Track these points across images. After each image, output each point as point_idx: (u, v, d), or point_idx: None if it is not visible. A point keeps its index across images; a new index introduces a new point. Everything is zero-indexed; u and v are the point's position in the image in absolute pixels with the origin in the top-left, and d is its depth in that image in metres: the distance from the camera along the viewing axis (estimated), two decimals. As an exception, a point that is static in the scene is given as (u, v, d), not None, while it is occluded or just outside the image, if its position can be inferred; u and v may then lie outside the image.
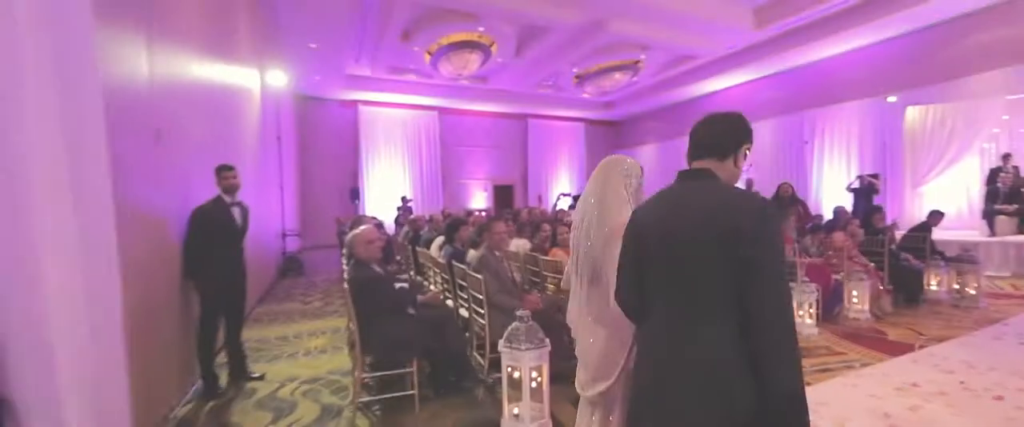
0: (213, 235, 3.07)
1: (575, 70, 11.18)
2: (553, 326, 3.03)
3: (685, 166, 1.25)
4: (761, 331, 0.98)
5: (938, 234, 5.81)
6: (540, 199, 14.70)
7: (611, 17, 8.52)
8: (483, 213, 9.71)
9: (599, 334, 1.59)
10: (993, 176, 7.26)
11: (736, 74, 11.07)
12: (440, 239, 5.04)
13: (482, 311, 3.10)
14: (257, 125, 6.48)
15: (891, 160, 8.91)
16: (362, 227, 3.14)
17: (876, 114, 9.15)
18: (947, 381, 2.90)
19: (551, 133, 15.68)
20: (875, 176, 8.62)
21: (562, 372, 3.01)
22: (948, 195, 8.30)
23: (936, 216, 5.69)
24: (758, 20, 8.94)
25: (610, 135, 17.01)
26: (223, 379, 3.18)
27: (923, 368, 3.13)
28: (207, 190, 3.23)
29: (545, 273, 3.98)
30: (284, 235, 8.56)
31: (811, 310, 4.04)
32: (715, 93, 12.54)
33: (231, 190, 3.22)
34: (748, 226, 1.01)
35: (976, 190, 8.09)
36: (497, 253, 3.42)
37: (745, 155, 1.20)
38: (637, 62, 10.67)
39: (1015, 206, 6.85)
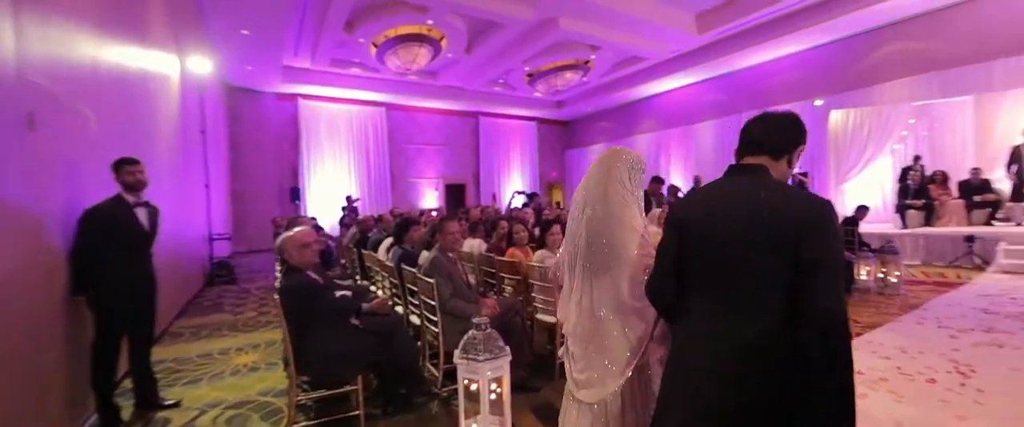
0: (112, 240, 2.60)
1: (527, 68, 11.12)
2: (512, 330, 2.86)
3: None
4: (818, 329, 0.95)
5: (860, 227, 6.28)
6: (494, 197, 14.53)
7: (562, 15, 8.52)
8: (435, 212, 9.36)
9: (614, 330, 1.49)
10: (904, 174, 8.01)
11: (681, 76, 11.50)
12: (388, 240, 4.69)
13: (435, 318, 2.86)
14: (176, 116, 5.78)
15: (818, 160, 9.62)
16: (297, 229, 2.79)
17: (805, 117, 9.75)
18: (886, 367, 3.05)
19: (503, 131, 15.56)
20: (804, 175, 9.27)
21: (523, 381, 2.86)
22: (866, 192, 9.09)
23: (862, 211, 6.14)
24: (700, 25, 9.32)
25: (561, 134, 17.21)
26: (127, 411, 2.71)
27: (863, 355, 3.28)
28: (105, 188, 2.74)
29: (502, 274, 3.79)
30: (211, 238, 7.75)
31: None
32: (662, 94, 12.97)
33: (135, 187, 2.75)
34: (811, 226, 0.99)
35: (889, 187, 8.93)
36: (450, 254, 3.19)
37: (799, 155, 1.19)
38: (587, 62, 10.79)
39: (922, 201, 7.60)
